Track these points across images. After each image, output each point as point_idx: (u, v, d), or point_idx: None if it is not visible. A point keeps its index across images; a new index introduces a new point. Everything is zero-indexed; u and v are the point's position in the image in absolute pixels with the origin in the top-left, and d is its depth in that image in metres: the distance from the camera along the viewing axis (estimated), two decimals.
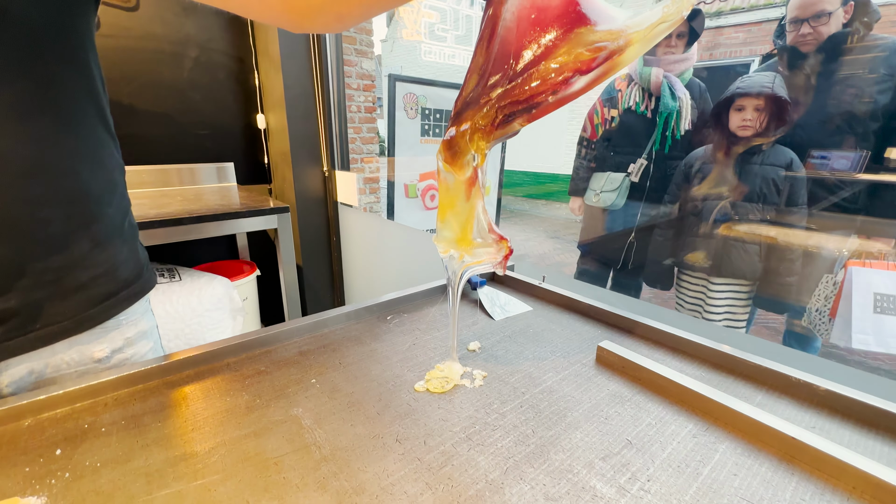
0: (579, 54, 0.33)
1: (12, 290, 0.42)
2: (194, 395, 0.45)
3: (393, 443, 0.39)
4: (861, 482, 0.34)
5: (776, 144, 1.27)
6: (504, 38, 0.35)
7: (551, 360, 0.53)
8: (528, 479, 0.35)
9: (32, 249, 0.43)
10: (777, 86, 1.24)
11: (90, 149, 0.47)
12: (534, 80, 0.34)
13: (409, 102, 2.07)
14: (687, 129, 1.51)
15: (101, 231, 0.48)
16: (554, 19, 0.33)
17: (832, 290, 1.36)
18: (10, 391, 0.46)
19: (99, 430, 0.40)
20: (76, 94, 0.45)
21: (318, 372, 0.50)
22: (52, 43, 0.42)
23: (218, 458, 0.36)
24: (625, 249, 1.72)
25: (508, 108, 0.35)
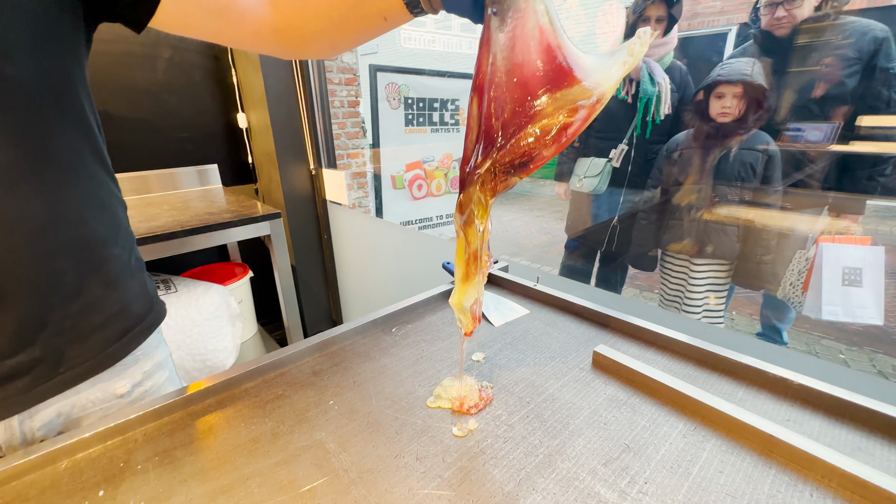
0: (566, 113, 0.36)
1: (36, 341, 0.43)
2: (219, 424, 0.48)
3: (414, 461, 0.42)
4: (828, 472, 0.38)
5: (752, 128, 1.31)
6: (497, 97, 0.37)
7: (551, 365, 0.57)
8: (540, 489, 0.39)
9: (50, 301, 0.44)
10: (756, 73, 1.27)
11: (93, 194, 0.48)
12: (527, 138, 0.36)
13: (392, 93, 2.04)
14: (667, 113, 1.54)
15: (111, 272, 0.50)
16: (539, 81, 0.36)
17: (805, 265, 1.43)
18: (42, 434, 0.47)
19: (135, 467, 0.42)
20: (74, 144, 0.45)
21: (334, 393, 0.53)
22: (50, 99, 0.42)
23: (255, 489, 0.39)
24: (609, 232, 1.77)
25: (507, 167, 0.38)
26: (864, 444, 0.43)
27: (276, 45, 0.52)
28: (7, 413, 0.44)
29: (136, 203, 1.48)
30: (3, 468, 0.40)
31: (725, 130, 1.33)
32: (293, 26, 0.49)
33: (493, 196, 0.40)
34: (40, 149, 0.42)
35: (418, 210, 2.38)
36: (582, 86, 0.36)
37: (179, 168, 1.65)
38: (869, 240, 1.36)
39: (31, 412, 0.46)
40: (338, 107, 1.99)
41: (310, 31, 0.50)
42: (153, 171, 1.58)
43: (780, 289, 1.51)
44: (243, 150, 1.80)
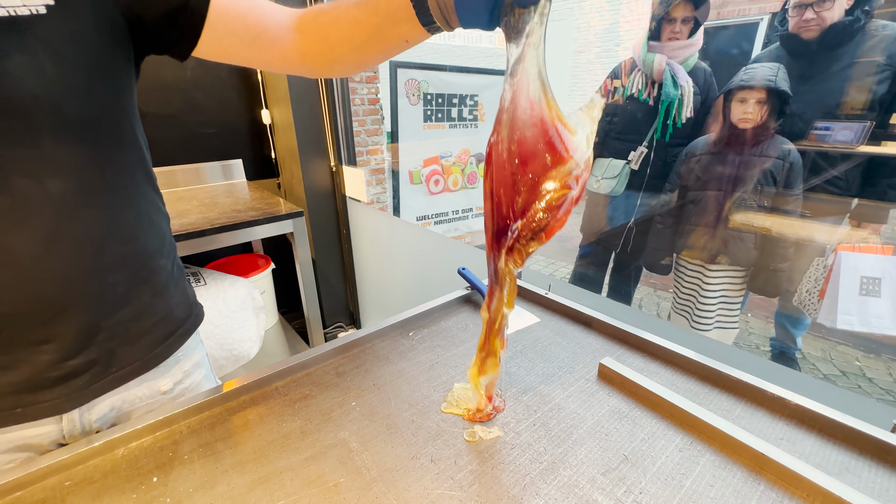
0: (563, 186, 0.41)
1: (92, 344, 0.49)
2: (254, 420, 0.53)
3: (429, 463, 0.46)
4: (813, 491, 0.41)
5: (775, 135, 1.30)
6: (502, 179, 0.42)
7: (558, 375, 0.61)
8: (543, 493, 0.43)
9: (105, 310, 0.50)
10: (780, 79, 1.25)
11: (144, 212, 0.53)
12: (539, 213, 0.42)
13: (412, 89, 2.06)
14: (689, 116, 1.52)
15: (157, 282, 0.55)
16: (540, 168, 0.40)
17: (822, 272, 1.42)
18: (98, 425, 0.53)
19: (182, 457, 0.48)
20: (129, 169, 0.50)
21: (355, 394, 0.57)
22: (107, 131, 0.47)
23: (287, 482, 0.44)
24: (625, 234, 1.77)
25: (528, 235, 0.43)
26: (853, 464, 0.45)
27: (303, 67, 0.56)
28: (70, 406, 0.50)
29: (167, 198, 1.54)
30: (71, 454, 0.46)
31: (746, 136, 1.32)
32: (319, 51, 0.53)
33: (520, 265, 0.45)
34: (99, 177, 0.47)
35: (435, 205, 2.42)
36: (574, 160, 0.40)
37: (205, 163, 1.71)
38: (891, 249, 1.35)
39: (89, 406, 0.52)
40: (358, 104, 2.02)
41: (334, 55, 0.53)
42: (182, 165, 1.65)
43: (796, 295, 1.50)
44: (267, 146, 1.85)
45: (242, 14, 0.50)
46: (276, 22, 0.51)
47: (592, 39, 5.59)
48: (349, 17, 0.49)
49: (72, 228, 0.45)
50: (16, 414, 0.47)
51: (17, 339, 0.45)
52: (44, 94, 0.40)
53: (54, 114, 0.41)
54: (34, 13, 0.38)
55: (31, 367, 0.46)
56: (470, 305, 0.81)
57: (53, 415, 0.49)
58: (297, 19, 0.53)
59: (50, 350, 0.47)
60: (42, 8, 0.39)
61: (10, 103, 0.39)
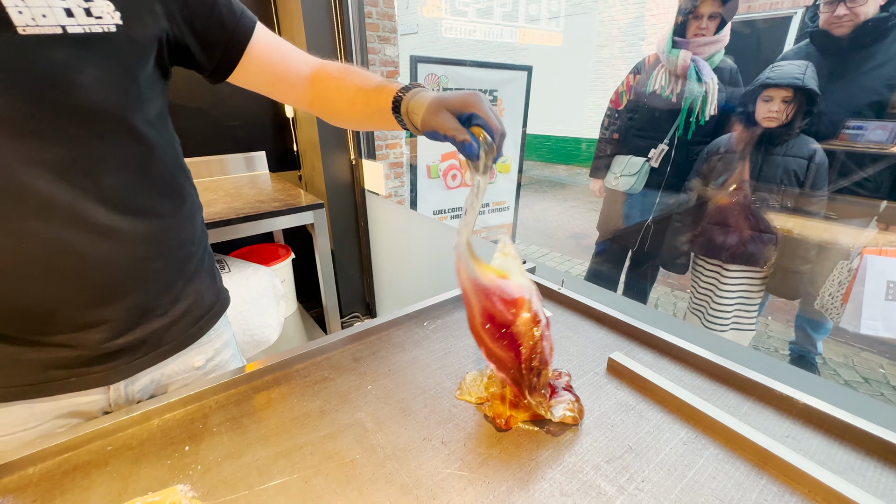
0: (533, 320, 0.48)
1: (138, 326, 0.54)
2: (276, 399, 0.56)
3: (440, 445, 0.49)
4: (815, 487, 0.42)
5: (800, 134, 1.27)
6: (493, 342, 0.49)
7: (569, 368, 0.62)
8: (548, 477, 0.45)
9: (149, 295, 0.55)
10: (808, 77, 1.22)
11: (179, 204, 0.57)
12: (533, 350, 0.48)
13: (431, 83, 2.07)
14: (712, 114, 1.50)
15: (190, 269, 0.59)
16: (510, 318, 0.48)
17: (847, 276, 1.39)
18: (139, 396, 0.58)
19: (211, 429, 0.51)
20: (169, 164, 0.55)
21: (372, 379, 0.60)
22: (153, 130, 0.51)
23: (308, 455, 0.47)
24: (642, 232, 1.76)
25: (536, 371, 0.49)
26: (858, 464, 0.46)
27: (311, 112, 0.65)
28: (116, 379, 0.55)
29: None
30: (111, 422, 0.50)
31: (770, 135, 1.29)
32: (323, 108, 0.63)
33: (549, 397, 0.51)
34: (146, 174, 0.51)
35: (452, 199, 2.43)
36: (523, 297, 0.48)
37: (230, 154, 1.77)
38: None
39: (133, 379, 0.57)
40: None
41: (335, 117, 0.64)
42: (208, 157, 1.71)
43: (818, 299, 1.47)
44: (289, 139, 1.90)
45: (272, 63, 0.58)
46: (297, 72, 0.60)
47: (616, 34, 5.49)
48: (349, 96, 0.58)
49: (122, 221, 0.49)
50: (70, 383, 0.52)
51: (73, 320, 0.49)
52: (107, 104, 0.45)
53: (114, 119, 0.46)
54: (105, 31, 0.43)
55: (83, 344, 0.51)
56: None
57: (101, 386, 0.54)
58: (313, 73, 0.61)
59: (101, 330, 0.51)
60: (112, 27, 0.43)
61: (77, 111, 0.43)
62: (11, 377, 0.50)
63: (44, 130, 0.42)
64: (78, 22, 0.41)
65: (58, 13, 0.40)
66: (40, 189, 0.43)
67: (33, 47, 0.39)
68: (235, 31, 0.53)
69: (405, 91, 0.53)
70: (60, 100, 0.42)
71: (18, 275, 0.45)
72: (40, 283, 0.46)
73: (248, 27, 0.54)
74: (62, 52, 0.41)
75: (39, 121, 0.41)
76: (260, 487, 0.43)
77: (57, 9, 0.40)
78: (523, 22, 2.50)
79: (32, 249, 0.44)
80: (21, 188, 0.42)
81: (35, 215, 0.43)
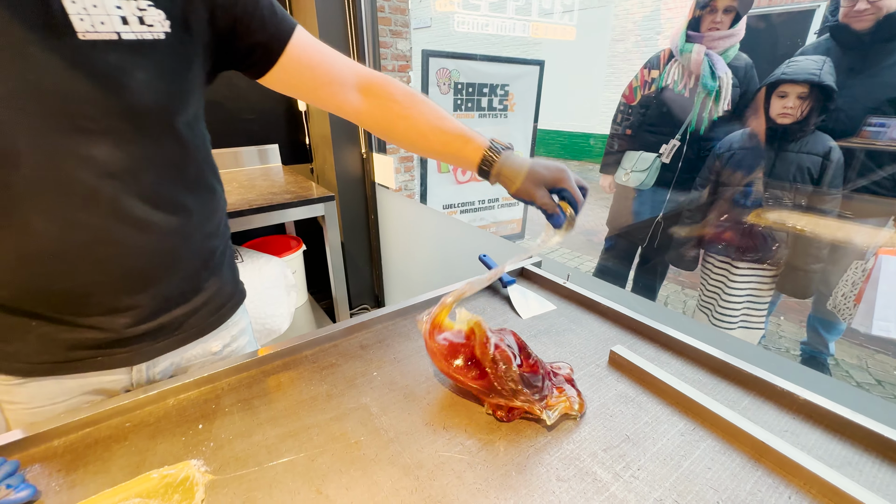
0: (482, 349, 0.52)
1: (163, 313, 0.58)
2: (286, 382, 0.59)
3: (441, 430, 0.50)
4: (810, 480, 0.43)
5: (815, 131, 1.25)
6: (458, 372, 0.54)
7: (570, 360, 0.63)
8: (545, 463, 0.46)
9: (175, 285, 0.58)
10: (825, 73, 1.19)
11: (207, 200, 0.60)
12: (500, 365, 0.51)
13: (443, 78, 2.08)
14: (726, 109, 1.48)
15: (213, 261, 0.62)
16: (470, 351, 0.53)
17: (861, 276, 1.37)
18: (159, 377, 0.61)
19: (224, 410, 0.54)
20: (199, 162, 0.57)
21: (377, 366, 0.62)
22: (192, 130, 0.54)
23: (315, 436, 0.49)
24: (652, 228, 1.75)
25: (506, 378, 0.51)
26: (856, 460, 0.46)
27: (354, 121, 0.65)
28: (139, 361, 0.58)
29: None
30: (130, 400, 0.53)
31: (785, 132, 1.27)
32: (377, 126, 0.63)
33: (543, 392, 0.53)
34: (182, 171, 0.54)
35: (461, 194, 2.44)
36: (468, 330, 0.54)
37: (244, 147, 1.80)
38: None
39: (154, 362, 0.60)
40: None
41: (389, 137, 0.64)
42: (222, 149, 1.74)
43: (831, 299, 1.45)
44: (301, 132, 1.92)
45: (312, 65, 0.58)
46: (342, 78, 0.60)
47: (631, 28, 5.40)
48: (421, 129, 0.61)
49: (157, 215, 0.52)
50: (96, 362, 0.55)
51: (105, 304, 0.53)
52: (152, 105, 0.47)
53: (157, 120, 0.49)
54: (155, 38, 0.46)
55: (111, 327, 0.54)
56: (488, 291, 0.84)
57: (125, 366, 0.58)
58: (363, 81, 0.61)
59: (128, 315, 0.54)
60: (162, 34, 0.46)
61: (125, 111, 0.46)
62: (44, 354, 0.53)
63: (94, 128, 0.45)
64: (132, 29, 0.44)
65: (115, 21, 0.43)
66: (87, 182, 0.46)
67: (90, 51, 0.42)
68: (276, 31, 0.55)
69: (495, 153, 0.58)
70: (111, 100, 0.44)
71: (62, 259, 0.48)
72: (80, 269, 0.49)
73: (288, 29, 0.56)
74: (115, 56, 0.44)
75: (91, 119, 0.44)
76: (268, 464, 0.46)
77: (114, 17, 0.43)
78: (536, 16, 2.48)
79: (76, 237, 0.47)
80: (70, 181, 0.45)
81: (81, 206, 0.47)
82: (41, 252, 0.47)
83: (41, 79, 0.41)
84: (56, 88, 0.42)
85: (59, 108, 0.43)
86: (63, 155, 0.44)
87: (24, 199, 0.44)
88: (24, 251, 0.46)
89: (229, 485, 0.43)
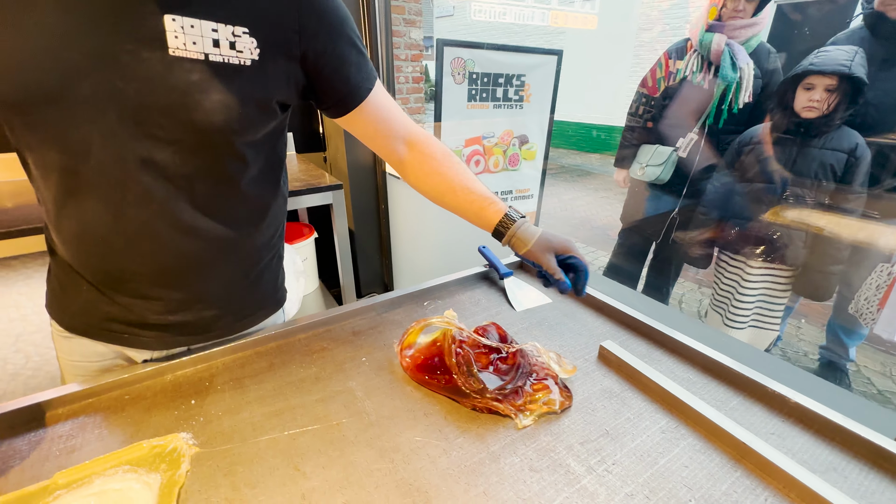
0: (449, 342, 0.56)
1: (191, 309, 0.61)
2: (277, 364, 0.60)
3: (422, 416, 0.51)
4: (789, 483, 0.42)
5: (842, 126, 1.19)
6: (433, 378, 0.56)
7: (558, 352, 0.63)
8: (520, 453, 0.46)
9: (206, 286, 0.61)
10: (856, 64, 1.13)
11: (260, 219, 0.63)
12: (462, 368, 0.53)
13: (457, 67, 2.05)
14: (746, 101, 1.42)
15: (254, 272, 0.66)
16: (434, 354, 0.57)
17: (886, 279, 1.30)
18: None
19: (216, 387, 0.56)
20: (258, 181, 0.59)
21: (367, 352, 0.63)
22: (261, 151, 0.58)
23: (299, 416, 0.51)
24: (667, 225, 1.71)
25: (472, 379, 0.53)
26: (843, 466, 0.45)
27: (397, 172, 0.71)
28: (159, 347, 0.63)
29: None
30: (129, 374, 0.55)
31: (808, 127, 1.22)
32: (412, 177, 0.70)
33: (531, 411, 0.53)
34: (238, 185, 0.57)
35: None
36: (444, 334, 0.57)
37: None
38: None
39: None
40: (403, 82, 2.05)
41: (419, 188, 0.70)
42: None
43: (853, 302, 1.39)
44: (315, 121, 1.94)
45: (376, 121, 0.63)
46: (395, 135, 0.66)
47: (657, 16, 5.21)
48: (450, 185, 0.66)
49: (204, 222, 0.56)
50: (124, 338, 0.61)
51: (139, 291, 0.57)
52: (224, 127, 0.50)
53: (220, 138, 0.51)
54: (241, 64, 0.49)
55: (141, 311, 0.59)
56: (485, 283, 0.84)
57: (147, 349, 0.63)
58: (411, 137, 0.67)
59: (158, 305, 0.59)
60: (248, 61, 0.49)
61: (193, 126, 0.48)
62: (86, 316, 0.60)
63: (162, 136, 0.48)
64: (220, 52, 0.47)
65: (206, 43, 0.46)
66: (143, 182, 0.50)
67: (176, 67, 0.46)
68: (355, 89, 0.59)
69: (511, 221, 0.64)
70: (183, 115, 0.47)
71: (108, 244, 0.53)
72: (122, 256, 0.54)
73: (366, 89, 0.60)
74: (198, 76, 0.47)
75: (161, 128, 0.48)
76: (252, 441, 0.47)
77: (207, 39, 0.46)
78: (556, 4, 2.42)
79: (124, 228, 0.52)
80: (129, 178, 0.49)
81: (134, 203, 0.51)
82: (93, 234, 0.52)
83: (127, 86, 0.45)
84: (137, 96, 0.46)
85: (135, 115, 0.46)
86: (127, 155, 0.48)
87: (89, 187, 0.49)
88: (80, 229, 0.52)
89: (213, 458, 0.45)
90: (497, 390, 0.51)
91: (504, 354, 0.56)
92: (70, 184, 0.49)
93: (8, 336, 1.14)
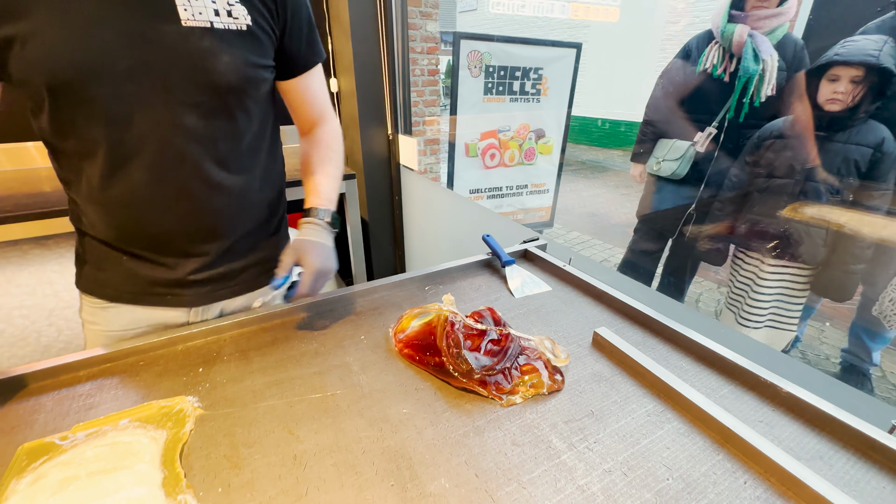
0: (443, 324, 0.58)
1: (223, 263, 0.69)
2: (280, 339, 0.63)
3: (413, 391, 0.53)
4: (770, 468, 0.42)
5: (868, 120, 1.14)
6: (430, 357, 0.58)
7: (553, 338, 0.64)
8: (504, 429, 0.48)
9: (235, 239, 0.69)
10: (885, 54, 1.08)
11: (271, 170, 0.72)
12: (451, 350, 0.55)
13: (474, 60, 2.05)
14: (769, 94, 1.37)
15: (271, 226, 0.76)
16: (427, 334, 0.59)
17: None
18: (211, 318, 0.71)
19: (223, 358, 0.59)
20: (264, 135, 0.68)
21: (366, 331, 0.66)
22: (266, 106, 0.67)
23: (297, 386, 0.54)
24: (683, 221, 1.67)
25: (459, 360, 0.54)
26: (830, 454, 0.45)
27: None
28: (198, 303, 0.70)
29: None
30: (144, 342, 0.59)
31: (832, 120, 1.17)
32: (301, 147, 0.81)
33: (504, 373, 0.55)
34: (259, 141, 0.66)
35: (489, 179, 2.42)
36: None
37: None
38: None
39: (208, 308, 0.71)
40: (418, 75, 2.06)
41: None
42: None
43: (878, 304, 1.34)
44: None
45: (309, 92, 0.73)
46: (316, 111, 0.76)
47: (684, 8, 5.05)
48: (306, 168, 0.77)
49: (227, 178, 0.63)
50: (166, 299, 0.68)
51: (181, 249, 0.65)
52: (237, 86, 0.58)
53: (235, 97, 0.59)
54: (239, 29, 0.57)
55: (183, 269, 0.66)
56: (487, 270, 0.85)
57: (187, 306, 0.69)
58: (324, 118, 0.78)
59: (197, 260, 0.66)
60: (244, 26, 0.57)
61: (212, 87, 0.56)
62: (128, 284, 0.66)
63: (187, 101, 0.55)
64: (221, 20, 0.55)
65: (209, 12, 0.54)
66: (178, 146, 0.57)
67: (190, 36, 0.53)
68: (306, 58, 0.68)
69: (311, 215, 0.71)
70: (202, 78, 0.55)
71: (150, 208, 0.60)
72: (165, 217, 0.61)
73: (313, 62, 0.70)
74: (208, 42, 0.54)
75: (186, 92, 0.55)
76: (252, 406, 0.50)
77: (209, 9, 0.54)
78: None
79: (165, 191, 0.59)
80: (166, 143, 0.56)
81: (171, 165, 0.58)
82: (140, 198, 0.59)
83: (155, 59, 0.52)
84: (164, 66, 0.53)
85: (165, 83, 0.54)
86: (163, 121, 0.55)
87: (133, 155, 0.56)
88: (127, 197, 0.58)
89: (215, 419, 0.49)
90: (484, 370, 0.52)
91: (497, 337, 0.58)
92: (118, 154, 0.55)
93: (42, 311, 1.22)
